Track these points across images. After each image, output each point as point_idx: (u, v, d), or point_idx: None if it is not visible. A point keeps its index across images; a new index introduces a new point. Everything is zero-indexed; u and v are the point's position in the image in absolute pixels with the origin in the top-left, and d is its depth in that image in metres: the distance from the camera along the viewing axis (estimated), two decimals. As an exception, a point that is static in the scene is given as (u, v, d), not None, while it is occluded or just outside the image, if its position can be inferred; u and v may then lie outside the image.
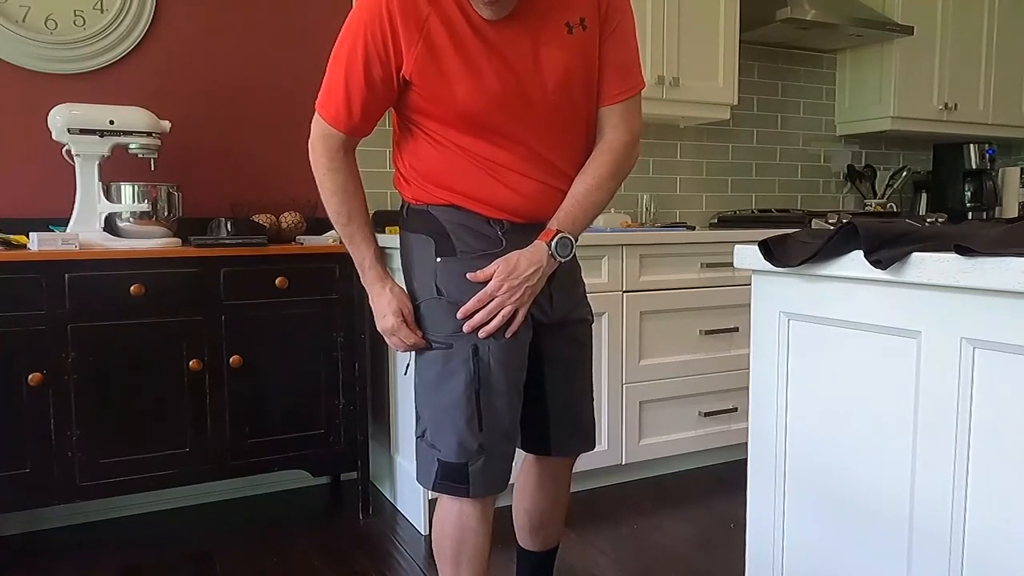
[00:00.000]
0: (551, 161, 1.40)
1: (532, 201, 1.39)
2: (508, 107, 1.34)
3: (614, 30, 1.39)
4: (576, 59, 1.36)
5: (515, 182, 1.38)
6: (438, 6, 1.28)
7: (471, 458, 1.37)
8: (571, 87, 1.37)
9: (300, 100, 2.75)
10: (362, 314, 2.42)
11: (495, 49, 1.31)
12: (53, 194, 2.42)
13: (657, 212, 3.45)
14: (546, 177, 1.40)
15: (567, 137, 1.41)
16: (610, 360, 2.65)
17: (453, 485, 1.39)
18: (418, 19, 1.27)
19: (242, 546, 2.31)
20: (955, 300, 1.06)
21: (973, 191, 4.09)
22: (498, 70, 1.31)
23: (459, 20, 1.29)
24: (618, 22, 1.39)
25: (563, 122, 1.39)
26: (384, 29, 1.27)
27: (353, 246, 1.44)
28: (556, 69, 1.35)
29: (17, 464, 2.08)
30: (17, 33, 2.38)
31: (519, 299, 1.36)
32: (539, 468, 1.62)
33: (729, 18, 3.17)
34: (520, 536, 1.70)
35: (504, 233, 1.40)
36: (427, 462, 1.42)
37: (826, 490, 1.29)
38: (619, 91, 1.42)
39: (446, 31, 1.28)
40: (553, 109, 1.37)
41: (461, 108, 1.32)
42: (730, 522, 2.41)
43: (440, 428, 1.39)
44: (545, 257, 1.36)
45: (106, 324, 2.14)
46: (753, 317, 1.40)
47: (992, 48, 3.88)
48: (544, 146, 1.38)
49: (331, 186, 1.40)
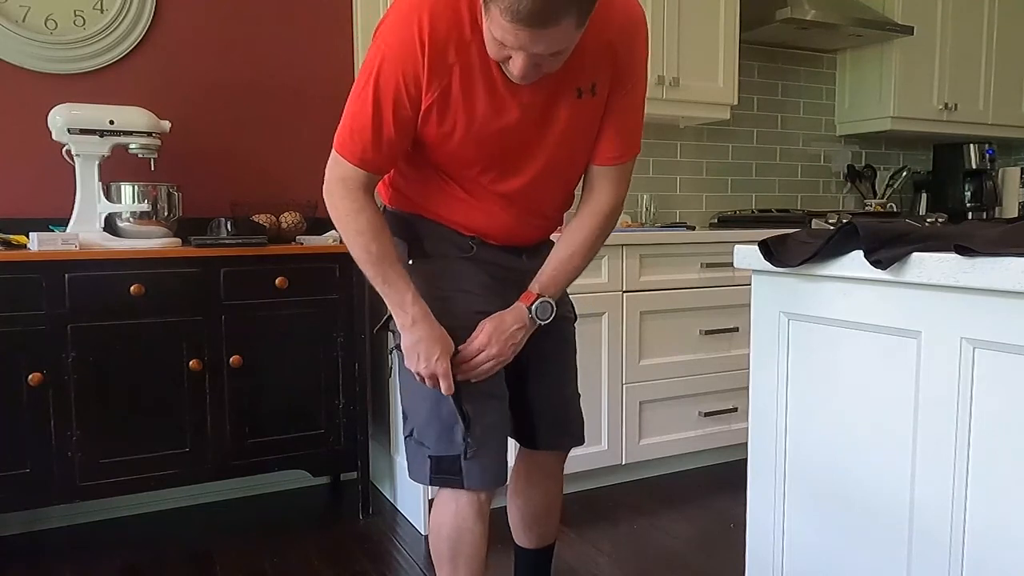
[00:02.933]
0: (532, 204, 1.42)
1: (507, 230, 1.43)
2: (500, 163, 1.35)
3: (625, 94, 1.36)
4: (579, 124, 1.35)
5: (492, 212, 1.40)
6: (465, 56, 1.23)
7: (461, 451, 1.37)
8: (568, 149, 1.37)
9: (300, 100, 2.75)
10: (362, 314, 2.42)
11: (506, 108, 1.29)
12: (53, 194, 2.42)
13: (657, 212, 3.45)
14: (524, 214, 1.42)
15: (552, 186, 1.43)
16: (610, 360, 2.64)
17: (449, 478, 1.39)
18: (444, 66, 1.23)
19: (242, 546, 2.31)
20: (955, 300, 1.06)
21: (973, 191, 4.09)
22: (502, 131, 1.31)
23: (480, 75, 1.25)
24: (631, 87, 1.37)
25: (552, 177, 1.40)
26: (417, 70, 1.22)
27: (388, 285, 1.32)
28: (557, 132, 1.34)
29: (17, 464, 2.08)
30: (17, 33, 2.38)
31: (503, 356, 1.37)
32: (529, 464, 1.63)
33: (729, 18, 3.16)
34: (516, 534, 1.70)
35: (476, 245, 1.43)
36: (418, 459, 1.42)
37: (826, 490, 1.29)
38: (617, 155, 1.41)
39: (462, 86, 1.25)
40: (545, 166, 1.37)
41: (451, 155, 1.34)
42: (730, 522, 2.41)
43: (427, 425, 1.40)
44: (526, 319, 1.38)
45: (106, 324, 2.14)
46: (753, 317, 1.40)
47: (992, 48, 3.88)
48: (526, 193, 1.40)
49: (356, 226, 1.31)
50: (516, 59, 1.16)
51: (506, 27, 1.10)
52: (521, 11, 1.07)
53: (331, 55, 2.80)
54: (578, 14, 1.11)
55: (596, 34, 1.26)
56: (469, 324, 1.37)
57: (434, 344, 1.32)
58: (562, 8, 1.08)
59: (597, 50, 1.29)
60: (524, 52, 1.14)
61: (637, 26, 1.35)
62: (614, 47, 1.31)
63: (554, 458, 1.63)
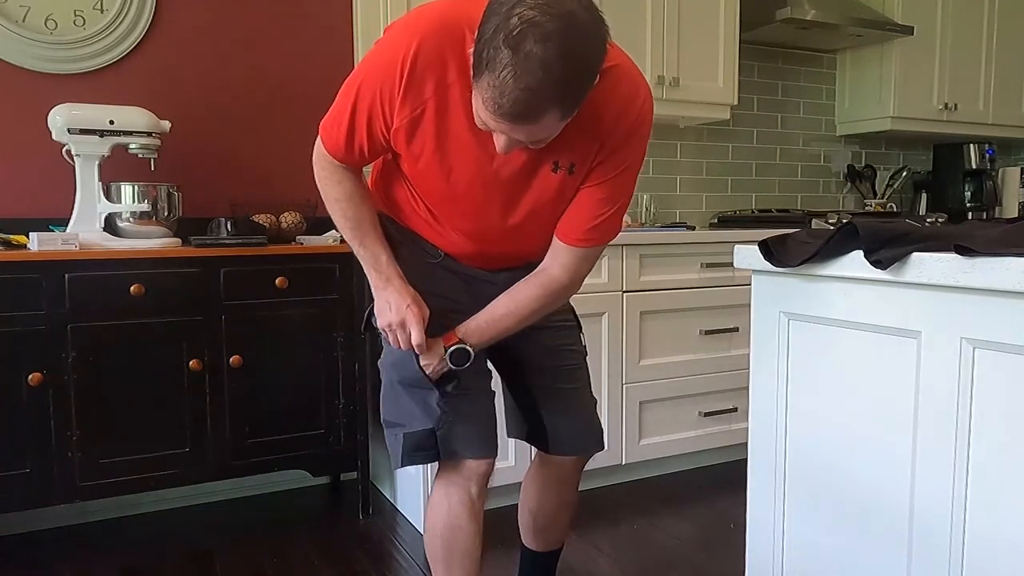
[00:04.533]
0: (493, 246, 1.41)
1: (469, 258, 1.44)
2: (461, 203, 1.34)
3: (609, 180, 1.31)
4: (547, 196, 1.32)
5: (454, 240, 1.41)
6: (443, 95, 1.21)
7: (436, 423, 1.38)
8: (533, 218, 1.35)
9: (300, 100, 2.75)
10: (362, 314, 2.41)
11: (475, 157, 1.27)
12: (53, 194, 2.42)
13: (657, 212, 3.45)
14: (486, 251, 1.42)
15: (516, 240, 1.40)
16: (610, 360, 2.64)
17: (423, 453, 1.39)
18: (419, 98, 1.22)
19: (242, 546, 2.31)
20: (955, 300, 1.06)
21: (973, 191, 4.09)
22: (467, 177, 1.29)
23: (453, 119, 1.23)
24: (619, 172, 1.31)
25: (515, 235, 1.38)
26: (393, 92, 1.22)
27: (364, 248, 1.37)
28: (525, 194, 1.32)
29: (17, 464, 2.08)
30: (17, 33, 2.38)
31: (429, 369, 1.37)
32: (546, 469, 1.63)
33: (729, 18, 3.16)
34: (524, 535, 1.71)
35: (442, 256, 1.44)
36: (394, 442, 1.43)
37: (826, 490, 1.29)
38: (583, 239, 1.35)
39: (435, 123, 1.23)
40: (509, 225, 1.36)
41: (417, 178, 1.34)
42: (730, 522, 2.41)
43: (401, 402, 1.41)
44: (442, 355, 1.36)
45: (106, 324, 2.14)
46: (753, 317, 1.40)
47: (992, 48, 3.88)
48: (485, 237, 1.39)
49: (335, 194, 1.36)
50: (498, 138, 1.16)
51: (489, 116, 1.10)
52: (503, 106, 1.06)
53: (331, 55, 2.80)
54: (561, 109, 1.09)
55: (586, 127, 1.23)
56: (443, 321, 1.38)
57: (404, 295, 1.35)
58: (544, 106, 1.07)
59: (584, 141, 1.26)
60: (505, 136, 1.14)
61: (636, 128, 1.29)
62: (601, 145, 1.28)
63: (571, 465, 1.61)
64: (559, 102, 1.08)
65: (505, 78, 1.04)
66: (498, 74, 1.04)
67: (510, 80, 1.03)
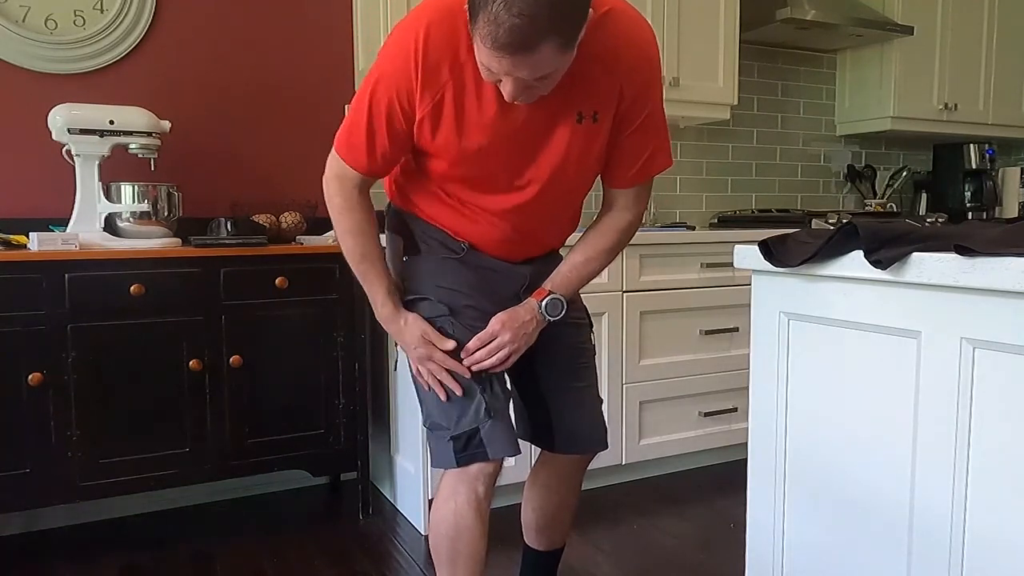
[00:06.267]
0: (525, 225, 1.43)
1: (496, 245, 1.45)
2: (492, 182, 1.37)
3: (637, 127, 1.36)
4: (577, 148, 1.35)
5: (482, 228, 1.43)
6: (459, 75, 1.25)
7: (479, 422, 1.39)
8: (564, 173, 1.37)
9: (300, 100, 2.75)
10: (362, 314, 2.41)
11: (500, 129, 1.30)
12: (53, 194, 2.42)
13: (657, 212, 3.45)
14: (515, 235, 1.44)
15: (547, 210, 1.43)
16: (610, 360, 2.64)
17: (473, 453, 1.40)
18: (437, 82, 1.25)
19: (242, 546, 2.31)
20: (955, 300, 1.06)
21: (973, 191, 4.09)
22: (494, 151, 1.32)
23: (474, 96, 1.27)
24: (644, 117, 1.36)
25: (548, 201, 1.40)
26: (410, 85, 1.25)
27: (367, 283, 1.43)
28: (555, 154, 1.34)
29: (17, 464, 2.08)
30: (17, 33, 2.38)
31: (516, 344, 1.40)
32: (549, 469, 1.63)
33: (729, 18, 3.16)
34: (526, 534, 1.71)
35: (466, 248, 1.46)
36: (441, 445, 1.43)
37: (826, 490, 1.29)
38: (636, 178, 1.43)
39: (455, 104, 1.27)
40: (541, 189, 1.38)
41: (444, 170, 1.36)
42: (730, 522, 2.41)
43: (444, 405, 1.42)
44: (537, 313, 1.42)
45: (106, 324, 2.14)
46: (753, 317, 1.40)
47: (992, 48, 3.88)
48: (519, 214, 1.41)
49: (346, 225, 1.40)
50: (505, 83, 1.18)
51: (489, 54, 1.12)
52: (500, 38, 1.08)
53: (331, 55, 2.80)
54: (559, 38, 1.10)
55: (604, 70, 1.27)
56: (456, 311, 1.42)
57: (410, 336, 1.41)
58: (541, 34, 1.08)
59: (604, 85, 1.30)
60: (511, 77, 1.15)
61: (650, 68, 1.34)
62: (622, 89, 1.31)
63: (574, 463, 1.62)
64: (555, 28, 1.09)
65: (498, 10, 1.06)
66: (491, 8, 1.06)
67: (503, 11, 1.06)
